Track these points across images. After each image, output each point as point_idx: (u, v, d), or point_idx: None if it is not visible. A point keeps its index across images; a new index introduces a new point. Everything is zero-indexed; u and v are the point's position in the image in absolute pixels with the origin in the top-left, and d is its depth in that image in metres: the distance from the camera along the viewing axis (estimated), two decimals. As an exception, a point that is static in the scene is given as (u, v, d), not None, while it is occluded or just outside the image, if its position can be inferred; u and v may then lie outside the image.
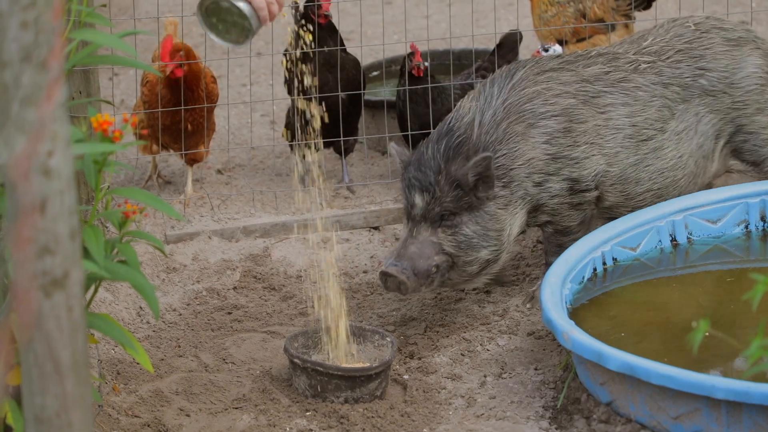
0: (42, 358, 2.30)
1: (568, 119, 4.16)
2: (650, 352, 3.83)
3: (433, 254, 4.08)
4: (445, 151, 4.07)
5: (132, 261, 3.12)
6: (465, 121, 4.12)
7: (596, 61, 4.27)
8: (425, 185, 4.07)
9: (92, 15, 3.21)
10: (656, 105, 4.27)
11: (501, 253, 4.14)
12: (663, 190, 4.33)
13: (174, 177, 5.48)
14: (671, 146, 4.29)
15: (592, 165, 4.17)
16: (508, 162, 4.11)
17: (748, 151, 4.49)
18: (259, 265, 4.82)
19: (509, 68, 4.27)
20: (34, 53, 2.16)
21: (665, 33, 4.42)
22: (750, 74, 4.45)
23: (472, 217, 4.07)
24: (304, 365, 3.94)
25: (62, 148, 2.23)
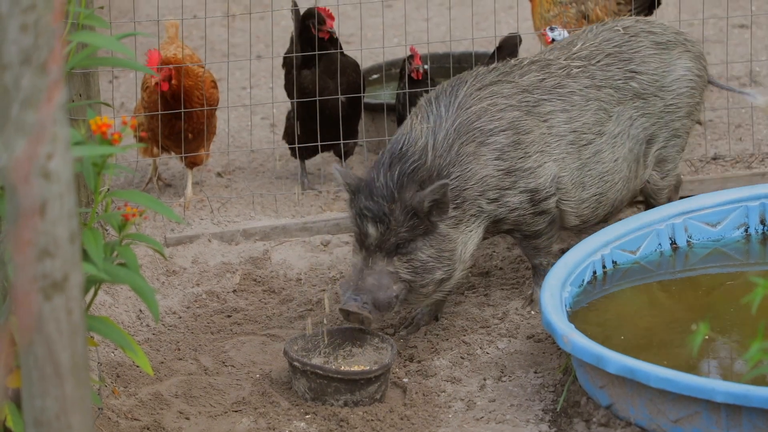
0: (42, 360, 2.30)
1: (515, 132, 4.13)
2: (650, 355, 3.83)
3: (392, 284, 4.00)
4: (399, 179, 3.97)
5: (131, 264, 3.12)
6: (419, 146, 4.03)
7: (530, 69, 4.25)
8: (379, 216, 3.96)
9: (91, 17, 3.21)
10: (592, 108, 4.25)
11: (454, 271, 4.09)
12: (604, 195, 4.30)
13: (174, 180, 5.48)
14: (609, 149, 4.27)
15: (546, 172, 4.15)
16: (461, 183, 4.05)
17: (671, 158, 4.49)
18: (259, 268, 4.82)
19: (451, 84, 4.21)
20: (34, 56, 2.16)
21: (594, 38, 4.40)
22: (680, 77, 4.44)
23: (427, 241, 4.00)
24: (303, 368, 3.94)
25: (62, 150, 2.23)
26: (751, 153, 5.32)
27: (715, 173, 5.21)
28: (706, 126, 5.44)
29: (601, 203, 4.31)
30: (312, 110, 5.19)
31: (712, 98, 5.85)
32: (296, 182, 5.40)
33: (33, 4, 2.16)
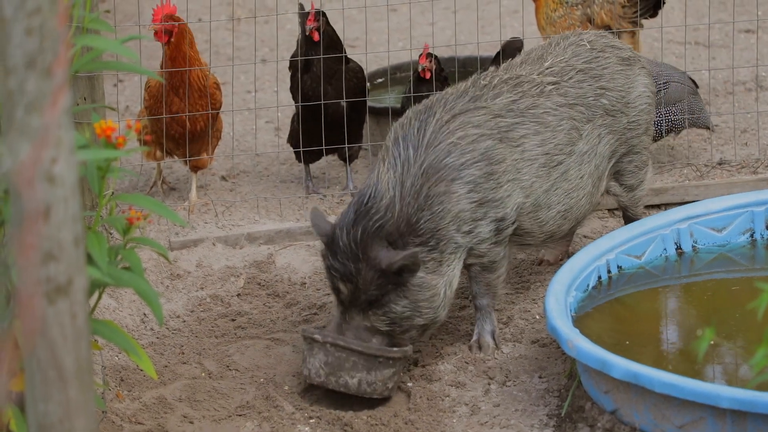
0: (46, 364, 2.30)
1: (488, 163, 4.04)
2: (655, 360, 3.83)
3: (371, 338, 3.95)
4: (363, 238, 3.86)
5: (136, 267, 3.12)
6: (384, 202, 3.92)
7: (502, 90, 4.15)
8: (346, 275, 3.88)
9: (96, 21, 3.21)
10: (565, 128, 4.20)
11: (438, 316, 4.01)
12: (568, 211, 4.25)
13: (178, 183, 5.48)
14: (575, 167, 4.22)
15: (512, 201, 4.09)
16: (433, 225, 3.95)
17: (630, 173, 4.45)
18: (263, 272, 4.81)
19: (419, 118, 4.07)
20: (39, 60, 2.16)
21: (563, 52, 4.34)
22: (641, 94, 4.42)
23: (401, 293, 3.91)
24: (324, 340, 3.91)
25: (66, 154, 2.22)
26: (757, 158, 5.31)
27: (720, 178, 5.20)
28: (713, 130, 5.44)
29: (566, 219, 4.26)
30: (316, 114, 5.19)
31: (717, 103, 5.84)
32: (301, 186, 5.40)
33: (38, 7, 2.16)
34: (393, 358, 3.93)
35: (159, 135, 5.08)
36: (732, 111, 5.68)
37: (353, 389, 3.93)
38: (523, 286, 4.61)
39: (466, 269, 4.16)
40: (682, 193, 5.12)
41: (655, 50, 6.41)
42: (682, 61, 6.11)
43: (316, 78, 5.15)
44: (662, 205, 5.10)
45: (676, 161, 5.35)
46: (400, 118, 4.15)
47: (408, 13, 6.34)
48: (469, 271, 4.17)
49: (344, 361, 3.91)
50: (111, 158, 3.04)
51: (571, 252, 4.70)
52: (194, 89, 5.02)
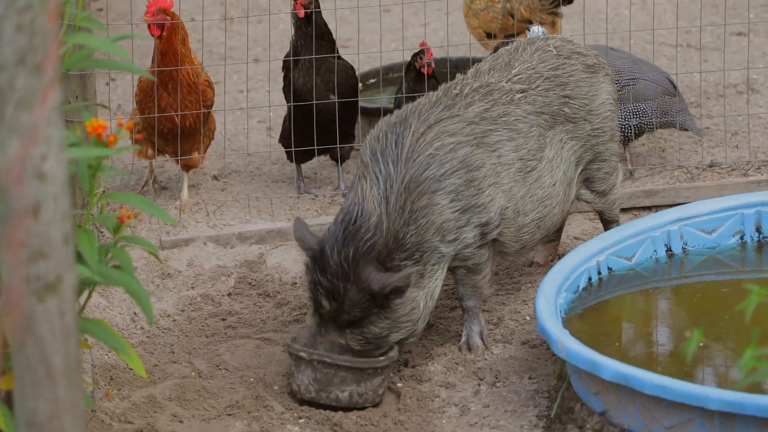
0: (34, 362, 2.30)
1: (467, 170, 4.04)
2: (644, 362, 3.83)
3: (342, 354, 3.92)
4: (355, 258, 3.84)
5: (126, 266, 3.11)
6: (372, 222, 3.88)
7: (474, 99, 4.16)
8: (333, 293, 3.86)
9: (88, 19, 3.21)
10: (535, 135, 4.20)
11: (416, 329, 4.00)
12: (542, 220, 4.25)
13: (170, 183, 5.47)
14: (547, 174, 4.23)
15: (495, 205, 4.09)
16: (418, 238, 3.95)
17: (600, 179, 4.45)
18: (254, 272, 4.81)
19: (395, 131, 4.04)
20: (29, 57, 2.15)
21: (530, 58, 4.33)
22: (605, 101, 4.41)
23: (382, 314, 3.90)
24: (310, 358, 3.92)
25: (56, 152, 2.22)
26: (748, 160, 5.33)
27: (711, 180, 5.21)
28: (699, 136, 5.45)
29: (539, 227, 4.26)
30: (307, 113, 5.19)
31: (708, 105, 5.85)
32: (292, 186, 5.40)
33: (29, 4, 2.15)
34: (381, 367, 3.93)
35: (150, 132, 5.07)
36: (723, 113, 5.69)
37: (345, 402, 3.94)
38: (514, 287, 4.62)
39: (451, 272, 4.16)
40: (673, 195, 5.13)
41: (647, 52, 6.43)
42: (674, 63, 6.13)
43: (305, 69, 5.14)
44: (653, 207, 5.11)
45: (667, 163, 5.36)
46: (372, 130, 4.12)
47: (401, 13, 6.35)
48: (454, 274, 4.18)
49: (333, 376, 3.91)
50: (102, 156, 3.03)
51: (561, 253, 4.71)
52: (184, 85, 5.02)
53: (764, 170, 5.26)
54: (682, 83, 6.06)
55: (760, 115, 5.69)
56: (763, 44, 6.41)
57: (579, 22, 6.62)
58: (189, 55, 5.08)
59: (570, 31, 6.47)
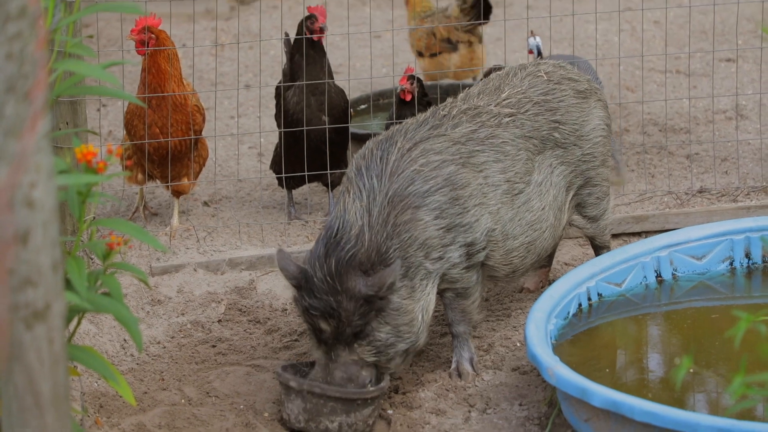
0: (22, 390, 2.29)
1: (452, 188, 4.04)
2: (635, 388, 3.83)
3: (360, 372, 3.92)
4: (338, 269, 3.82)
5: (115, 293, 3.11)
6: (354, 232, 3.88)
7: (461, 120, 4.17)
8: (327, 312, 3.83)
9: (78, 46, 3.21)
10: (522, 158, 4.21)
11: (418, 339, 3.99)
12: (532, 244, 4.25)
13: (161, 209, 5.47)
14: (536, 198, 4.23)
15: (481, 226, 4.08)
16: (401, 253, 3.93)
17: (591, 204, 4.46)
18: (245, 298, 4.80)
19: (380, 147, 4.06)
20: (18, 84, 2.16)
21: (520, 83, 4.35)
22: (596, 126, 4.42)
23: (382, 319, 3.89)
24: (300, 388, 3.90)
25: (45, 179, 2.22)
26: (737, 186, 5.34)
27: (700, 206, 5.22)
28: (692, 159, 5.46)
29: (530, 251, 4.25)
30: (299, 138, 5.19)
31: (698, 131, 5.87)
32: (283, 212, 5.40)
33: (19, 32, 2.16)
34: (371, 398, 3.92)
35: (140, 155, 5.07)
36: (712, 139, 5.71)
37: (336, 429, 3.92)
38: (504, 314, 4.61)
39: (440, 296, 4.16)
40: (663, 221, 5.14)
41: (637, 78, 6.45)
42: (663, 89, 6.15)
43: (300, 91, 5.14)
44: (643, 233, 5.12)
45: (656, 189, 5.37)
46: (360, 149, 4.14)
47: (391, 39, 6.37)
48: (443, 299, 4.17)
49: (322, 406, 3.90)
50: (91, 183, 3.03)
51: (552, 279, 4.71)
52: (170, 104, 5.01)
53: (753, 196, 5.28)
54: (671, 109, 6.08)
55: (749, 141, 5.72)
56: (752, 70, 6.44)
57: (569, 48, 6.64)
58: (178, 76, 5.08)
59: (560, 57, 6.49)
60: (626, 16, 7.13)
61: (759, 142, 5.69)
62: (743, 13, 6.84)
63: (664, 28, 6.19)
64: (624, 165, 5.32)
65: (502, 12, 6.64)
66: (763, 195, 5.28)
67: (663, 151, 5.68)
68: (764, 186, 5.33)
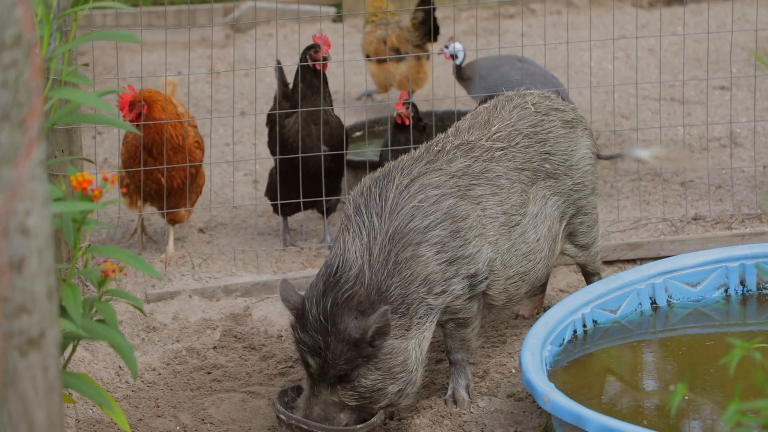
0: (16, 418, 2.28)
1: (452, 221, 4.04)
2: (630, 415, 3.82)
3: (338, 413, 3.90)
4: (332, 310, 3.80)
5: (110, 320, 3.10)
6: (353, 272, 3.85)
7: (456, 155, 4.18)
8: (315, 349, 3.82)
9: (73, 74, 3.22)
10: (517, 191, 4.23)
11: (412, 378, 3.96)
12: (527, 274, 4.26)
13: (156, 235, 5.48)
14: (531, 229, 4.24)
15: (483, 256, 4.09)
16: (403, 290, 3.92)
17: (583, 233, 4.48)
18: (240, 325, 4.80)
19: (378, 185, 4.06)
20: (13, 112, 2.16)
21: (509, 115, 4.36)
22: (584, 156, 4.44)
23: (371, 365, 3.87)
24: (288, 421, 3.90)
25: (40, 207, 2.23)
26: (731, 214, 5.35)
27: (695, 233, 5.23)
28: (687, 186, 5.48)
29: (524, 281, 4.26)
30: (295, 165, 5.20)
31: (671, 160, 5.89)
32: (278, 238, 5.40)
33: (14, 61, 2.17)
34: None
35: (136, 188, 5.08)
36: (707, 167, 5.72)
37: None
38: (500, 340, 4.61)
39: (441, 327, 4.15)
40: (658, 248, 5.15)
41: (631, 106, 6.47)
42: (657, 116, 6.17)
43: (301, 120, 5.15)
44: (638, 260, 5.13)
45: (651, 216, 5.38)
46: (357, 186, 4.14)
47: (386, 67, 6.38)
48: (444, 329, 4.16)
49: None
50: (87, 210, 3.04)
51: (547, 306, 4.71)
52: (169, 147, 5.03)
53: (748, 223, 5.29)
54: (666, 136, 6.10)
55: (743, 169, 5.73)
56: (746, 98, 6.46)
57: (563, 75, 6.67)
58: (175, 112, 5.08)
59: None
60: (620, 44, 7.16)
61: (753, 169, 5.70)
62: (737, 41, 6.87)
63: (659, 55, 6.21)
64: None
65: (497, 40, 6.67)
66: (757, 222, 5.29)
67: (657, 179, 5.70)
68: (759, 213, 5.34)
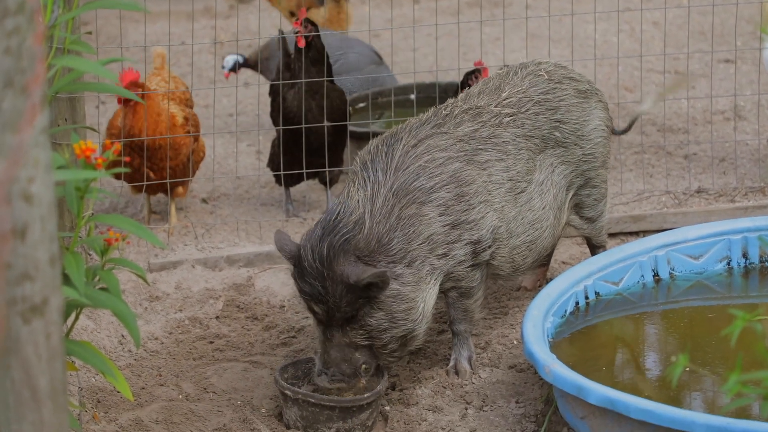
0: (19, 384, 2.29)
1: (457, 184, 4.04)
2: (631, 386, 3.84)
3: (353, 354, 3.93)
4: (328, 254, 3.81)
5: (113, 288, 3.11)
6: (353, 218, 3.88)
7: (463, 120, 4.18)
8: (315, 296, 3.84)
9: (77, 42, 3.22)
10: (524, 158, 4.22)
11: (416, 328, 3.98)
12: (534, 243, 4.26)
13: (160, 205, 5.48)
14: (537, 197, 4.24)
15: (487, 223, 4.08)
16: (404, 245, 3.93)
17: (589, 206, 4.47)
18: (243, 295, 4.81)
19: (386, 143, 4.07)
20: (16, 79, 2.16)
21: (520, 82, 4.34)
22: (596, 127, 4.43)
23: (374, 305, 3.88)
24: (295, 396, 3.92)
25: (43, 174, 2.23)
26: (735, 187, 5.35)
27: (698, 206, 5.23)
28: (690, 159, 5.47)
29: (531, 250, 4.26)
30: (297, 137, 5.20)
31: (696, 132, 5.88)
32: (281, 209, 5.40)
33: (17, 27, 2.16)
34: (367, 404, 3.92)
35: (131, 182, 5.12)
36: (710, 140, 5.71)
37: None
38: (501, 312, 4.62)
39: (444, 295, 4.16)
40: (660, 220, 5.15)
41: (635, 78, 6.46)
42: (661, 89, 6.16)
43: (300, 92, 5.15)
44: (640, 232, 5.13)
45: (654, 189, 5.38)
46: (366, 145, 4.15)
47: (390, 38, 6.37)
48: (446, 297, 4.17)
49: (318, 414, 3.90)
50: (90, 179, 3.04)
51: (549, 278, 4.72)
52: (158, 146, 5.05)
53: (751, 196, 5.29)
54: (669, 109, 6.09)
55: (747, 142, 5.72)
56: (750, 71, 6.44)
57: (567, 48, 6.65)
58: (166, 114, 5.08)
59: (559, 57, 6.50)
60: (625, 16, 7.13)
61: (757, 142, 5.69)
62: (742, 14, 6.85)
63: (663, 28, 6.19)
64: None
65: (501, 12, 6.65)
66: (760, 195, 5.29)
67: (661, 151, 5.69)
68: (762, 186, 5.34)
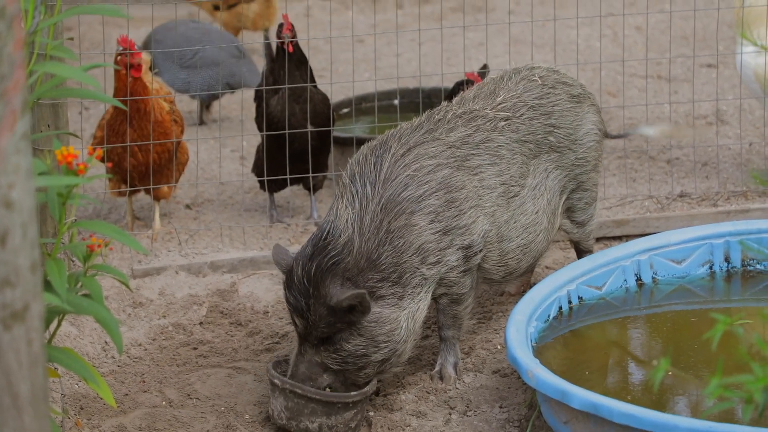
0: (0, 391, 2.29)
1: (447, 191, 4.04)
2: (614, 391, 3.85)
3: (321, 374, 3.92)
4: (316, 274, 3.83)
5: (96, 295, 3.11)
6: (342, 240, 3.87)
7: (456, 124, 4.18)
8: (298, 310, 3.86)
9: (59, 48, 3.21)
10: (518, 162, 4.23)
11: (398, 349, 3.95)
12: (527, 246, 4.27)
13: (143, 211, 5.47)
14: (530, 202, 4.25)
15: (478, 228, 4.09)
16: (395, 259, 3.92)
17: (580, 209, 4.49)
18: (226, 301, 4.81)
19: (374, 153, 4.05)
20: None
21: (515, 87, 4.36)
22: (589, 131, 4.45)
23: (354, 331, 3.88)
24: (283, 386, 3.91)
25: (24, 180, 2.22)
26: (717, 191, 5.37)
27: (681, 210, 5.25)
28: (673, 164, 5.49)
29: (525, 254, 4.27)
30: (281, 142, 5.20)
31: (679, 136, 5.89)
32: (265, 215, 5.40)
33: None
34: (352, 402, 3.92)
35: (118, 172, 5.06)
36: (693, 144, 5.74)
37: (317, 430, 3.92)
38: (485, 317, 4.63)
39: (435, 301, 4.16)
40: (643, 224, 5.17)
41: (618, 83, 6.48)
42: (644, 94, 6.18)
43: (283, 98, 5.14)
44: (624, 237, 5.14)
45: (637, 193, 5.40)
46: (355, 154, 4.14)
47: (374, 44, 6.38)
48: (437, 303, 4.18)
49: (303, 407, 3.90)
50: (72, 185, 3.03)
51: (533, 283, 4.73)
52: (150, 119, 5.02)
53: (733, 200, 5.31)
54: (652, 114, 6.11)
55: (729, 146, 5.75)
56: (733, 76, 6.47)
57: (550, 53, 6.67)
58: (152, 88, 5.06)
59: (542, 62, 6.52)
60: (608, 21, 7.16)
61: (739, 147, 5.72)
62: (724, 19, 6.88)
63: (646, 33, 6.22)
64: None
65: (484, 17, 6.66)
66: (742, 199, 5.31)
67: (644, 156, 5.71)
68: (744, 190, 5.36)
